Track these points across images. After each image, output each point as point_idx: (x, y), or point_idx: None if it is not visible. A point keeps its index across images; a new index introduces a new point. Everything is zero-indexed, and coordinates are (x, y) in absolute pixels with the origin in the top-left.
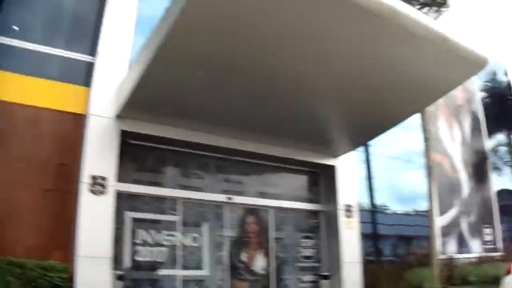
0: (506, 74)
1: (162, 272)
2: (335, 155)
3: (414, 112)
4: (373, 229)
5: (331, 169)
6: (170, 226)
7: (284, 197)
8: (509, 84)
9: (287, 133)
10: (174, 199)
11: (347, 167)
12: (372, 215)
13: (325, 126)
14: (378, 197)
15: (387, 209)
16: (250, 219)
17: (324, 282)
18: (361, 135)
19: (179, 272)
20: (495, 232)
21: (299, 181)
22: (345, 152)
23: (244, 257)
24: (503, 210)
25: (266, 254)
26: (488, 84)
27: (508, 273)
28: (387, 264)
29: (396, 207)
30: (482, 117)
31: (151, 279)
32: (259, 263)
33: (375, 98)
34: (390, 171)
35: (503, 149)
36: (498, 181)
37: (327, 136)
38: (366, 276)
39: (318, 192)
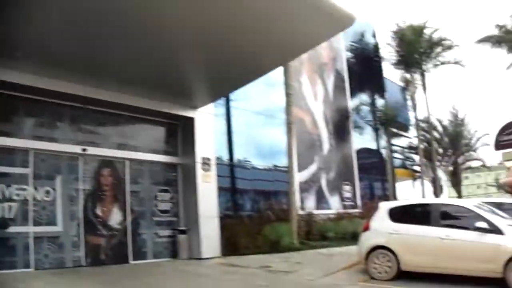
0: (374, 36)
1: (12, 229)
2: (194, 107)
3: (277, 66)
4: (232, 184)
5: (190, 121)
6: (21, 179)
7: (141, 149)
8: (376, 45)
9: (145, 83)
10: (25, 151)
11: (206, 120)
12: (232, 169)
13: (184, 76)
14: (239, 152)
15: (247, 164)
16: (106, 172)
17: (181, 237)
18: (222, 87)
19: (31, 229)
20: (354, 189)
21: (157, 133)
22: (204, 104)
23: (99, 211)
24: (362, 168)
25: (122, 208)
26: (355, 44)
27: (365, 229)
28: (246, 219)
29: (257, 162)
30: (346, 76)
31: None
32: (115, 218)
33: (236, 50)
34: (252, 126)
35: (366, 108)
36: (359, 140)
37: (187, 87)
38: (224, 230)
39: (176, 145)
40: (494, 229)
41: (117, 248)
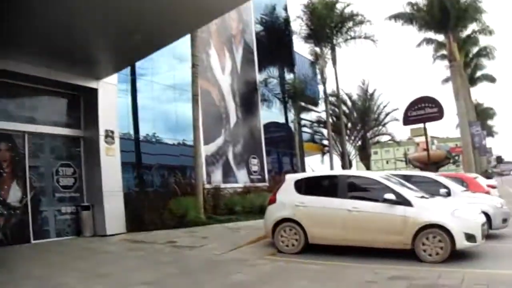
0: (285, 10)
1: None
2: (97, 78)
3: (183, 34)
4: (137, 159)
5: (93, 92)
6: None
7: (42, 121)
8: (287, 19)
9: (45, 51)
10: None
11: (110, 91)
12: (137, 144)
13: (86, 44)
14: (147, 127)
15: (154, 138)
16: (4, 146)
17: (85, 213)
18: (126, 56)
19: None
20: (262, 163)
21: (59, 105)
22: (108, 75)
23: None
24: (270, 142)
25: (22, 185)
26: (266, 17)
27: (271, 202)
28: (151, 194)
29: (166, 137)
30: (255, 49)
31: None
32: (14, 195)
33: (139, 15)
34: (161, 101)
35: (274, 81)
36: (267, 114)
37: (89, 55)
38: (130, 206)
39: (79, 117)
40: (403, 201)
41: (17, 227)
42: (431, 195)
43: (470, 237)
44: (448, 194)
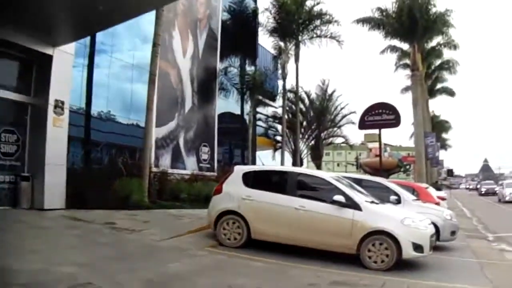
0: (254, 1)
1: None
2: (53, 44)
3: (148, 8)
4: (86, 135)
5: (47, 59)
6: None
7: None
8: (255, 10)
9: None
10: None
11: (66, 60)
12: (88, 119)
13: (43, 8)
14: (101, 103)
15: (107, 116)
16: None
17: (24, 184)
18: (86, 24)
19: None
20: (213, 152)
21: (8, 67)
22: (65, 42)
23: None
24: (223, 132)
25: None
26: (234, 6)
27: (217, 192)
28: (97, 172)
29: (121, 116)
30: (219, 37)
31: None
32: None
33: None
34: (120, 79)
35: (234, 71)
36: (224, 103)
37: (46, 20)
38: (72, 181)
39: (30, 83)
40: (352, 204)
41: None
42: (381, 201)
43: (417, 247)
44: (398, 201)
